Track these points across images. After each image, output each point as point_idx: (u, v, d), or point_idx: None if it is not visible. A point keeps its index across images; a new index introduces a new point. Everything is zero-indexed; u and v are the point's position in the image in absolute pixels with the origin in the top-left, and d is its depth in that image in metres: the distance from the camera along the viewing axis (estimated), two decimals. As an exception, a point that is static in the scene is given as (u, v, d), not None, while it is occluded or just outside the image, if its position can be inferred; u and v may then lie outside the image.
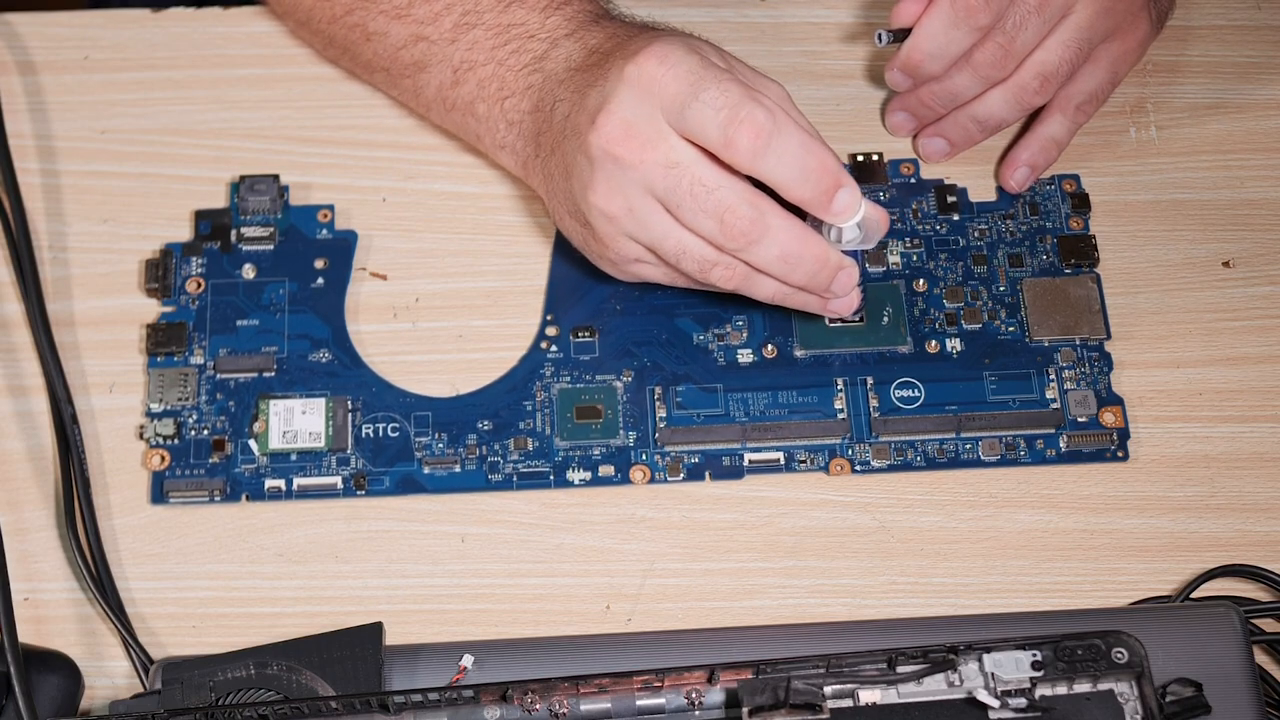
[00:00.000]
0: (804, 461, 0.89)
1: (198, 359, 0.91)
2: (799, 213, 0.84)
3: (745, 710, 0.75)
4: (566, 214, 0.88)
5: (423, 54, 0.92)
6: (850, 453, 0.90)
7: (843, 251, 0.85)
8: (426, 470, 0.89)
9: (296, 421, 0.90)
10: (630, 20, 0.90)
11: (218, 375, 0.91)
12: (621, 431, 0.90)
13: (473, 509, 0.88)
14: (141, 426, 0.90)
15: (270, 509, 0.88)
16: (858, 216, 0.84)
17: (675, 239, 0.84)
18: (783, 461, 0.89)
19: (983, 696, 0.76)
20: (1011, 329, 0.92)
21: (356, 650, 0.78)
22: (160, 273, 0.93)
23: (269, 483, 0.89)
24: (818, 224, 0.85)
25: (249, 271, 0.93)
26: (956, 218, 0.95)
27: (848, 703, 0.76)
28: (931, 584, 0.87)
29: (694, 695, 0.77)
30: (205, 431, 0.90)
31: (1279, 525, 0.88)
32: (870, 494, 0.89)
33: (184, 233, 0.95)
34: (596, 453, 0.90)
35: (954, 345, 0.92)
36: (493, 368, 0.92)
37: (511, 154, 0.91)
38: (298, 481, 0.89)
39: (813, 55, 1.00)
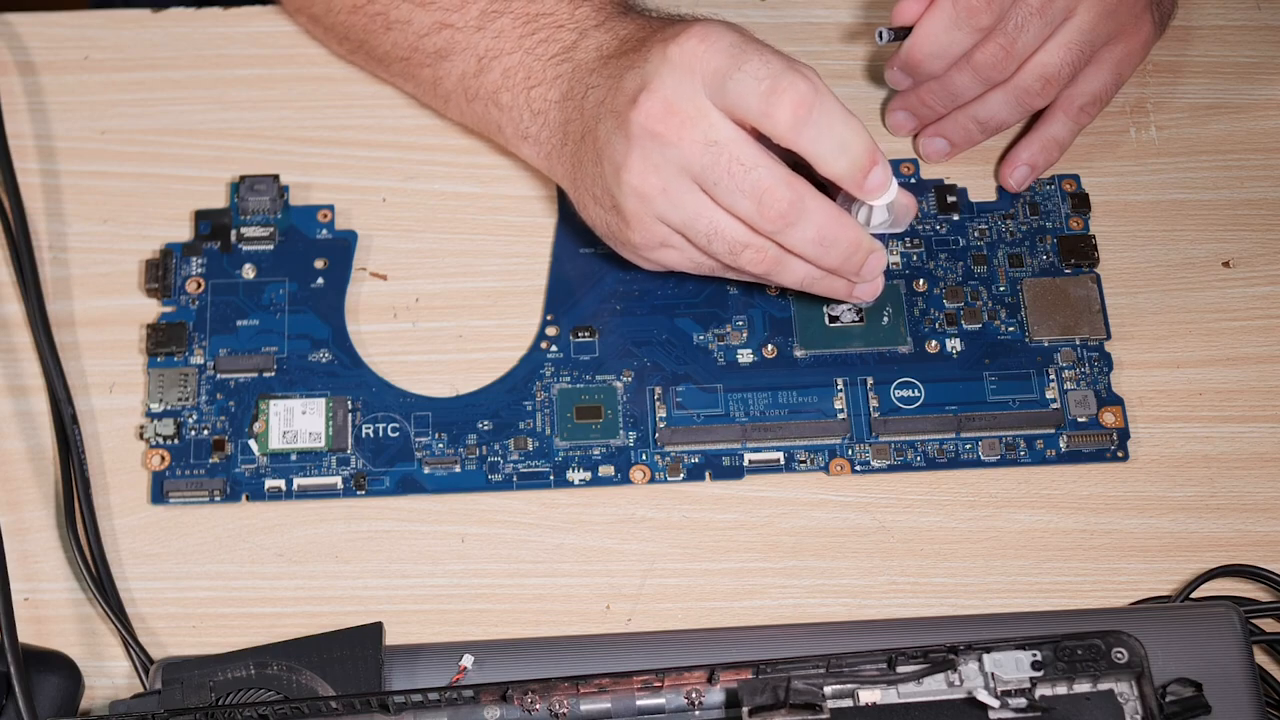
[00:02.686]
0: (804, 461, 0.89)
1: (198, 359, 0.91)
2: (828, 195, 0.84)
3: (745, 710, 0.75)
4: (592, 200, 0.87)
5: (447, 42, 0.91)
6: (850, 453, 0.90)
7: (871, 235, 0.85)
8: (426, 470, 0.89)
9: (296, 421, 0.90)
10: (656, 13, 0.90)
11: (218, 375, 0.91)
12: (621, 431, 0.90)
13: (473, 509, 0.88)
14: (141, 426, 0.90)
15: (270, 509, 0.88)
16: (890, 196, 0.84)
17: (708, 219, 0.84)
18: (783, 461, 0.89)
19: (983, 696, 0.76)
20: (1011, 329, 0.92)
21: (356, 650, 0.78)
22: (160, 273, 0.93)
23: (269, 483, 0.89)
24: (847, 206, 0.85)
25: (249, 271, 0.93)
26: (956, 218, 0.95)
27: (848, 703, 0.76)
28: (931, 584, 0.87)
29: (694, 695, 0.77)
30: (205, 431, 0.90)
31: (1279, 525, 0.88)
32: (870, 494, 0.89)
33: (184, 233, 0.95)
34: (596, 453, 0.90)
35: (954, 345, 0.92)
36: (493, 368, 0.92)
37: (535, 144, 0.91)
38: (298, 481, 0.89)
39: (813, 55, 1.00)
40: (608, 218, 0.87)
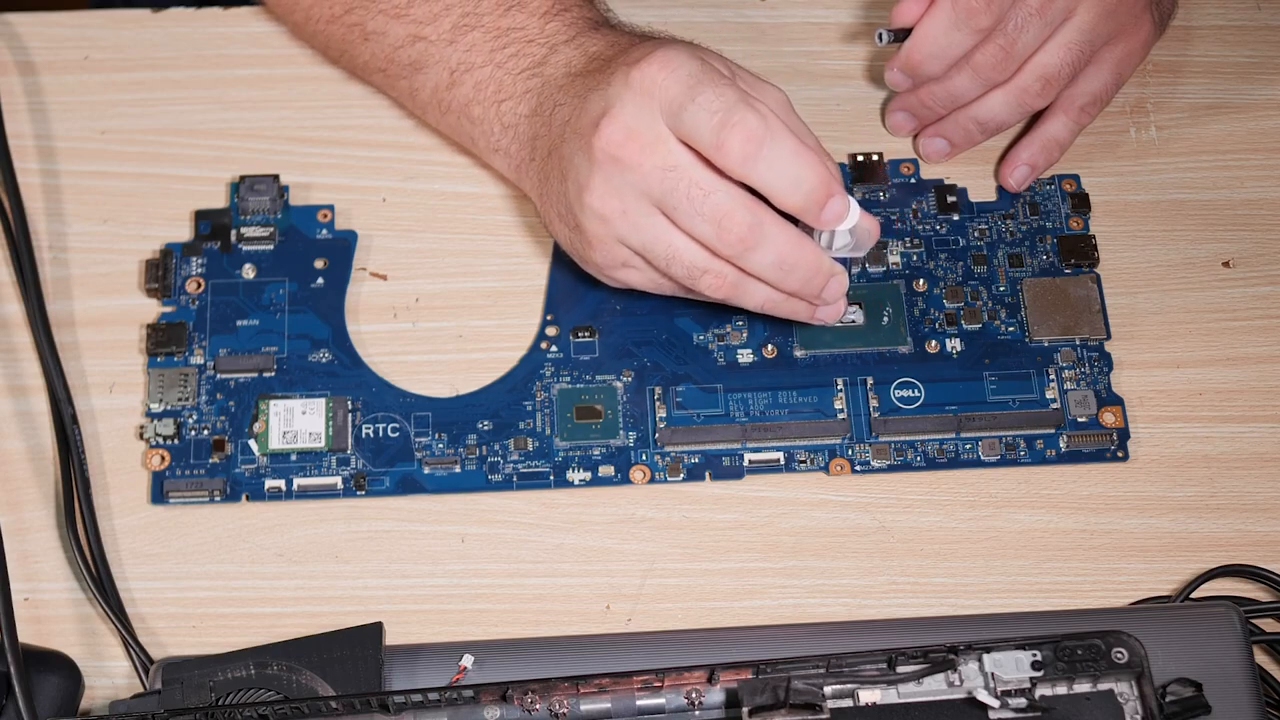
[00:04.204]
0: (804, 461, 0.89)
1: (198, 359, 0.91)
2: (790, 218, 0.84)
3: (745, 710, 0.75)
4: (556, 217, 0.88)
5: (420, 54, 0.92)
6: (850, 453, 0.90)
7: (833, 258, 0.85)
8: (426, 470, 0.89)
9: (296, 422, 0.90)
10: (629, 28, 0.90)
11: (218, 375, 0.91)
12: (621, 432, 0.90)
13: (473, 509, 0.89)
14: (141, 426, 0.90)
15: (270, 509, 0.88)
16: (850, 223, 0.84)
17: (666, 243, 0.84)
18: (783, 461, 0.89)
19: (983, 696, 0.76)
20: (1011, 329, 0.92)
21: (356, 650, 0.79)
22: (160, 273, 0.93)
23: (269, 483, 0.89)
24: (808, 230, 0.85)
25: (249, 271, 0.94)
26: (956, 218, 0.95)
27: (848, 703, 0.76)
28: (931, 584, 0.87)
29: (694, 695, 0.77)
30: (205, 431, 0.90)
31: (1279, 525, 0.88)
32: (870, 494, 0.89)
33: (184, 233, 0.95)
34: (596, 453, 0.90)
35: (954, 345, 0.92)
36: (493, 368, 0.92)
37: (505, 157, 0.91)
38: (298, 481, 0.89)
39: (813, 55, 1.00)
40: (571, 236, 0.87)
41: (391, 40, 0.92)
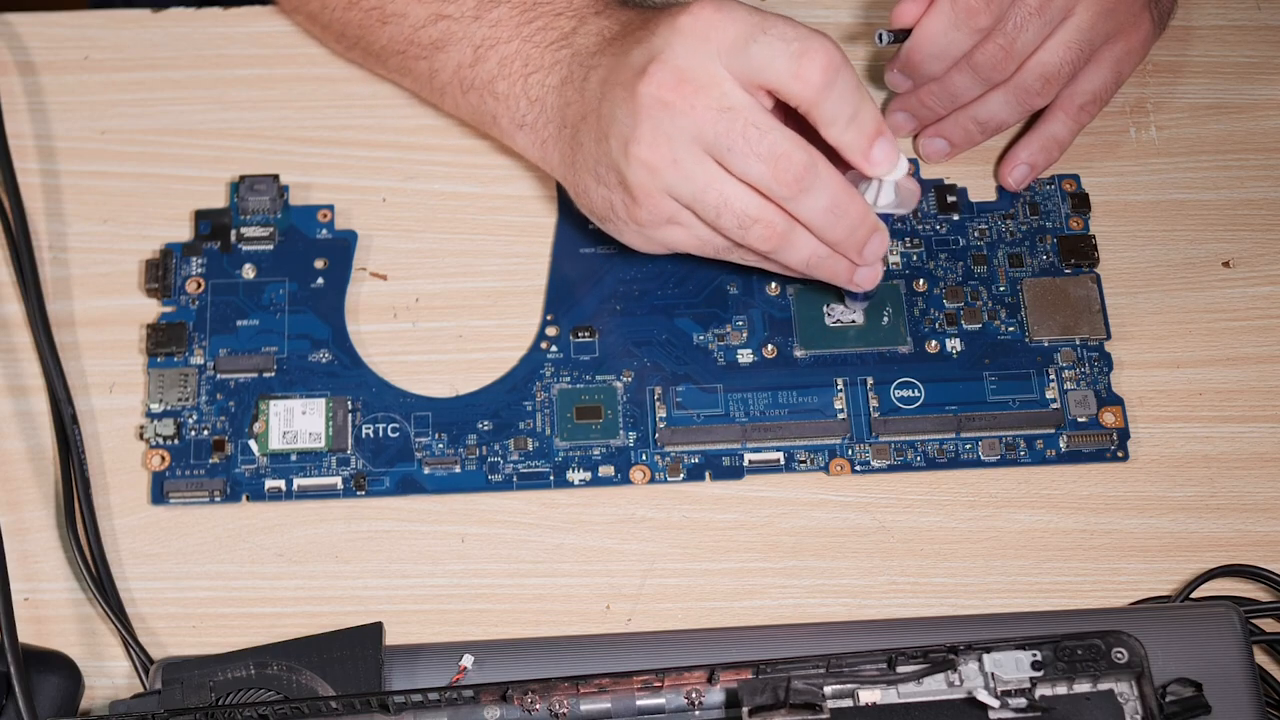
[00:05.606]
0: (804, 461, 0.89)
1: (198, 359, 0.91)
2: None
3: (745, 710, 0.75)
4: (594, 181, 0.87)
5: (443, 32, 0.91)
6: (850, 453, 0.90)
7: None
8: (426, 470, 0.89)
9: (296, 422, 0.90)
10: (654, 1, 0.90)
11: (218, 375, 0.91)
12: (621, 432, 0.90)
13: (473, 509, 0.89)
14: (141, 427, 0.90)
15: (270, 509, 0.88)
16: (898, 174, 0.84)
17: (718, 190, 0.84)
18: (783, 461, 0.89)
19: (983, 696, 0.76)
20: (1011, 329, 0.92)
21: (356, 650, 0.79)
22: (160, 273, 0.93)
23: (269, 483, 0.89)
24: (854, 184, 0.85)
25: (249, 271, 0.93)
26: (956, 218, 0.95)
27: (848, 703, 0.77)
28: (931, 584, 0.87)
29: (694, 695, 0.77)
30: (205, 432, 0.90)
31: (1279, 525, 0.88)
32: (870, 494, 0.89)
33: (184, 233, 0.95)
34: (596, 453, 0.90)
35: (954, 345, 0.92)
36: (493, 368, 0.92)
37: (531, 132, 0.91)
38: (298, 482, 0.89)
39: (813, 55, 1.00)
40: (612, 197, 0.86)
41: (412, 21, 0.92)
